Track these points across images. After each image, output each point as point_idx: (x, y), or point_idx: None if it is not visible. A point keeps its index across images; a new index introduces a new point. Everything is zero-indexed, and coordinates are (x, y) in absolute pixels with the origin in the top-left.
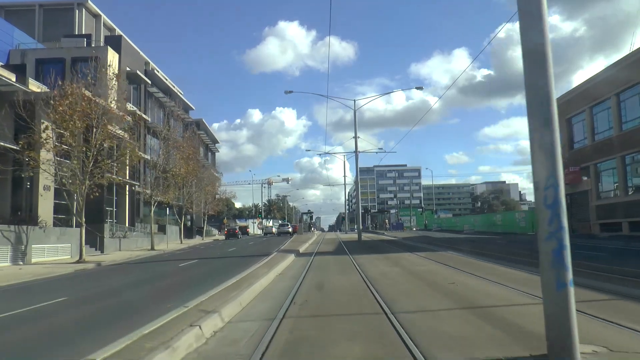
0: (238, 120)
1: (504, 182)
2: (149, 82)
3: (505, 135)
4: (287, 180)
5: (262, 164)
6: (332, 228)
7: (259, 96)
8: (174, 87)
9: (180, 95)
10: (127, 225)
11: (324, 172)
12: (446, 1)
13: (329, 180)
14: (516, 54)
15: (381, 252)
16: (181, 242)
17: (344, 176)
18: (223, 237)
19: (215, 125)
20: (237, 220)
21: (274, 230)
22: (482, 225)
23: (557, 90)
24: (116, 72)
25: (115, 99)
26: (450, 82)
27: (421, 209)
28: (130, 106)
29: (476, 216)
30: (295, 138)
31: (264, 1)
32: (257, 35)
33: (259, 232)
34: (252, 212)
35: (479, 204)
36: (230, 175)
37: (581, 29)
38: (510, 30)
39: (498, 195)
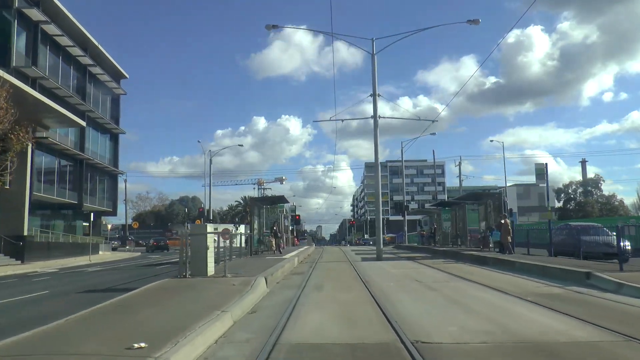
0: (242, 128)
1: (534, 184)
2: None
3: (510, 144)
4: (280, 180)
5: (265, 172)
6: (334, 238)
7: (263, 103)
8: None
9: None
10: None
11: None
12: (454, 8)
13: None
14: (526, 60)
15: None
16: None
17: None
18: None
19: (219, 132)
20: (187, 224)
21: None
22: None
23: (566, 101)
24: None
25: None
26: (458, 89)
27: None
28: None
29: None
30: (300, 146)
31: (270, 6)
32: (262, 41)
33: (226, 242)
34: (228, 215)
35: (561, 203)
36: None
37: (593, 35)
38: (521, 36)
39: (591, 190)
